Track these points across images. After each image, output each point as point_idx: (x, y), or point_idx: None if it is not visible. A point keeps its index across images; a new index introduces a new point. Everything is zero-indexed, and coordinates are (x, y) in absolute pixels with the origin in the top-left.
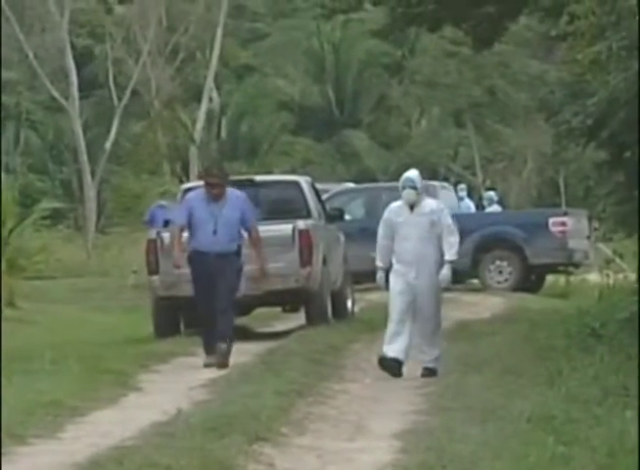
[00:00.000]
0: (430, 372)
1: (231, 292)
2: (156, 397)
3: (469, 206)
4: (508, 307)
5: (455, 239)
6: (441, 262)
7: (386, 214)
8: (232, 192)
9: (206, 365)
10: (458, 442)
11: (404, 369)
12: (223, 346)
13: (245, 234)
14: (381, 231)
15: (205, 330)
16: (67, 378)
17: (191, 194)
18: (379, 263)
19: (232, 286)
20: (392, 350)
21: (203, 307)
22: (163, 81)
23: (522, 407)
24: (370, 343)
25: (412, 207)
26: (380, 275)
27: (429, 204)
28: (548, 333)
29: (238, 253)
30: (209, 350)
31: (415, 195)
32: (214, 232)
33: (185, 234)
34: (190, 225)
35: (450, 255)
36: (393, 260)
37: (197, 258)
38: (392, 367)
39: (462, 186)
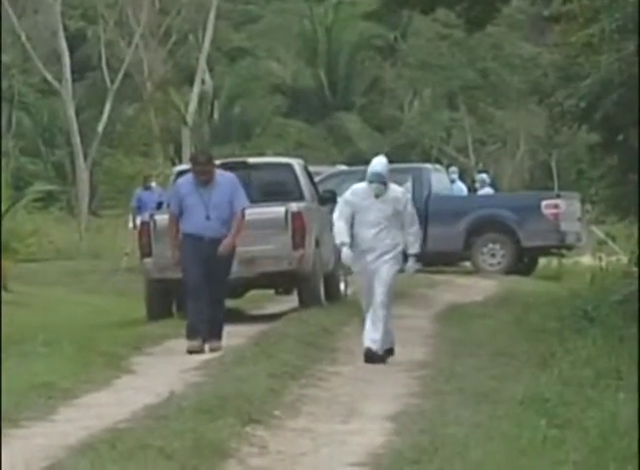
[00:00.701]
0: (372, 354)
1: (224, 279)
2: (148, 379)
3: (461, 188)
4: (500, 290)
5: (417, 230)
6: (398, 252)
7: (348, 196)
8: (221, 175)
9: (191, 350)
10: (451, 424)
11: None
12: (216, 344)
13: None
14: (338, 212)
15: (191, 314)
16: (59, 360)
17: (180, 180)
18: (343, 239)
19: (225, 272)
20: (370, 340)
21: (192, 292)
22: (156, 64)
23: (514, 390)
24: (362, 325)
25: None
26: (347, 252)
27: (394, 190)
28: (541, 316)
29: None
30: (193, 334)
31: (383, 189)
32: (206, 217)
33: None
34: (182, 212)
35: (414, 248)
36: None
37: (190, 242)
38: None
39: (453, 169)
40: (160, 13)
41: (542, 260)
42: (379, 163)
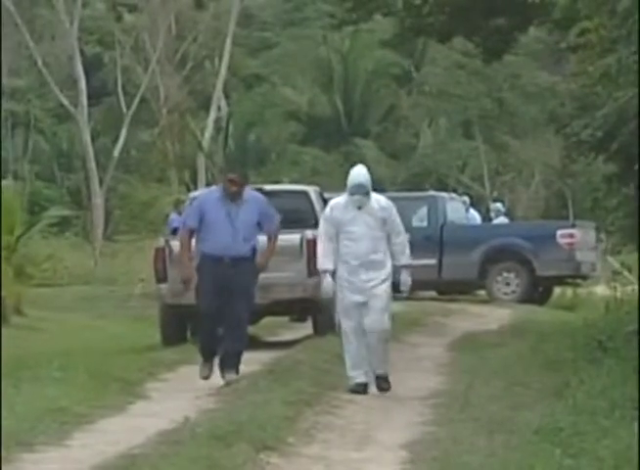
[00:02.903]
0: (386, 384)
1: (249, 300)
2: (163, 405)
3: (474, 216)
4: (515, 319)
5: (404, 240)
6: (390, 266)
7: (327, 212)
8: (251, 193)
9: (205, 377)
10: (465, 453)
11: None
12: (234, 376)
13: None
14: (323, 232)
15: (204, 341)
16: (74, 385)
17: (203, 193)
18: (326, 266)
19: (249, 294)
20: (361, 374)
21: (206, 320)
22: (172, 90)
23: (529, 419)
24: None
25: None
26: (328, 280)
27: (377, 200)
28: (555, 345)
29: (253, 257)
30: (207, 359)
31: (367, 199)
32: (228, 233)
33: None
34: (200, 228)
35: (404, 259)
36: (338, 265)
37: (208, 264)
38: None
39: (464, 198)
40: (177, 39)
41: (557, 290)
42: (359, 173)
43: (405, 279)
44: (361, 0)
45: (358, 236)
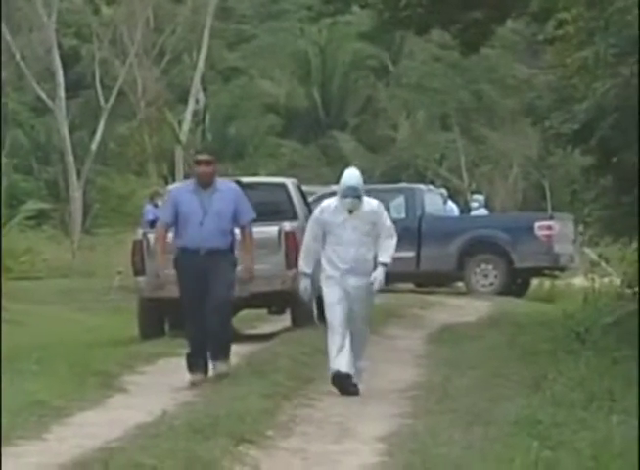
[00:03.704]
0: (355, 388)
1: (228, 293)
2: (141, 398)
3: (452, 209)
4: (493, 311)
5: (393, 242)
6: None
7: (317, 214)
8: (224, 183)
9: (194, 383)
10: (443, 445)
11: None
12: (224, 368)
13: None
14: (310, 232)
15: (191, 342)
16: (52, 379)
17: (176, 187)
18: (305, 269)
19: (227, 284)
20: (343, 364)
21: (191, 317)
22: (150, 82)
23: (507, 411)
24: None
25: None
26: (306, 284)
27: (368, 203)
28: (533, 337)
29: (231, 249)
30: (194, 366)
31: (359, 203)
32: (202, 224)
33: (171, 235)
34: (177, 223)
35: (385, 257)
36: (326, 266)
37: (185, 258)
38: (348, 384)
39: (442, 191)
40: (155, 32)
41: (535, 282)
42: (352, 175)
43: (379, 276)
44: None
45: (347, 241)
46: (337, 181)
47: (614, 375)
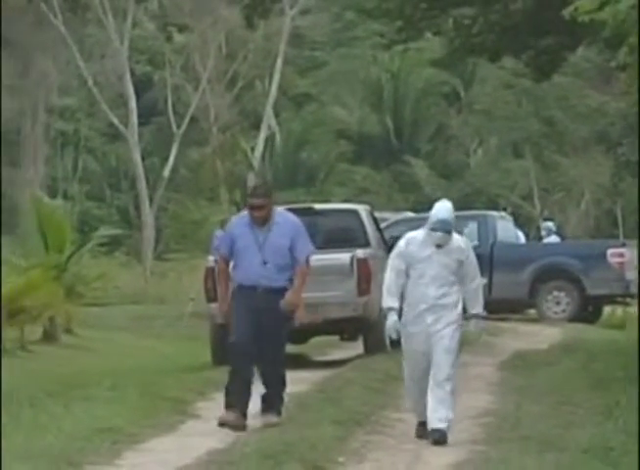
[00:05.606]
0: (441, 436)
1: (282, 338)
2: (213, 424)
3: (518, 235)
4: (565, 338)
5: (478, 285)
6: (460, 310)
7: (403, 246)
8: (281, 215)
9: (222, 424)
10: None
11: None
12: (274, 419)
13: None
14: (394, 266)
15: (233, 379)
16: (125, 405)
17: (234, 220)
18: (390, 303)
19: (283, 330)
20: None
21: (237, 355)
22: (222, 109)
23: (579, 438)
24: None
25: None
26: (394, 319)
27: (456, 239)
28: (605, 364)
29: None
30: (231, 403)
31: (448, 238)
32: (261, 263)
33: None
34: (233, 256)
35: (478, 308)
36: (405, 307)
37: (241, 294)
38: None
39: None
40: (227, 58)
41: (607, 309)
42: (444, 208)
43: (477, 326)
44: (411, 19)
45: (431, 278)
46: (408, 208)
47: None
